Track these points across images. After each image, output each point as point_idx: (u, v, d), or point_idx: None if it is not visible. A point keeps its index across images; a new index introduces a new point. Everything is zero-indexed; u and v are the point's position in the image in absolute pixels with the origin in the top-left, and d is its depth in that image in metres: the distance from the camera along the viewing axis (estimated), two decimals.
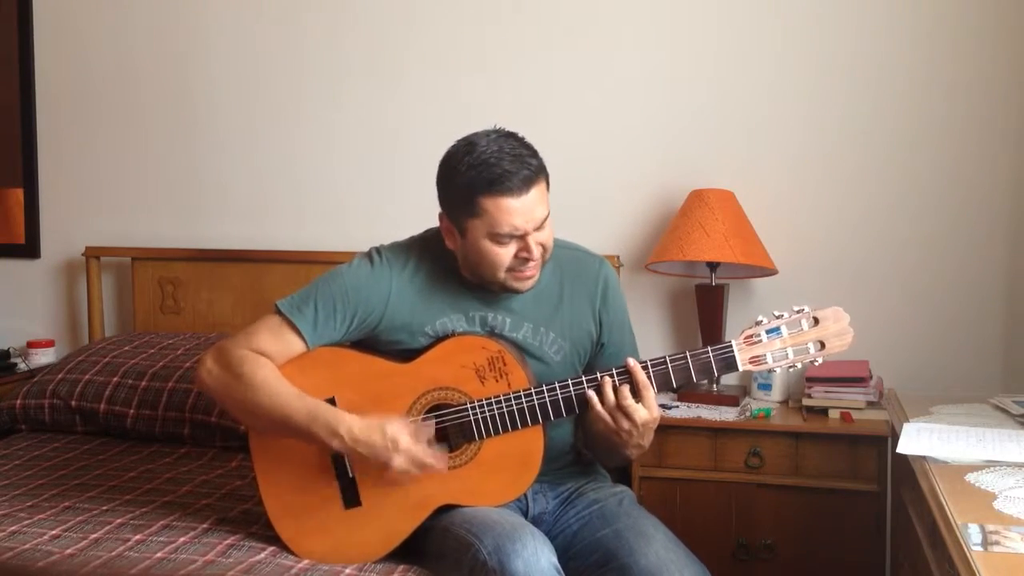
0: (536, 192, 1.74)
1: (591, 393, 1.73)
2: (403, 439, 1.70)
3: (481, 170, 1.71)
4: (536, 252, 1.76)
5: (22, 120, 3.24)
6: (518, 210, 1.72)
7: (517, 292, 1.82)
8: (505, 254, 1.76)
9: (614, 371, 1.74)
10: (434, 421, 1.77)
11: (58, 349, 3.21)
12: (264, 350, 1.80)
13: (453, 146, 1.79)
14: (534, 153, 1.76)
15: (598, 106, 2.85)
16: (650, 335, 2.81)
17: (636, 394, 1.72)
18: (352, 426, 1.71)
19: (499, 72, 2.90)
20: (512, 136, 1.77)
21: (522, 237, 1.74)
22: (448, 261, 1.87)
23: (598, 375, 1.74)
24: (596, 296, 1.92)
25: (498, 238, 1.74)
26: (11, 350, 3.16)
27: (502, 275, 1.78)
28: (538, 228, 1.75)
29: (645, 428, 1.74)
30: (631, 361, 1.72)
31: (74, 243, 3.21)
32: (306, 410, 1.74)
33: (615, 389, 1.72)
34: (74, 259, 3.24)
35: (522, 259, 1.77)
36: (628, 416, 1.72)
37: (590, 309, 1.91)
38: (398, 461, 1.70)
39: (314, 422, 1.73)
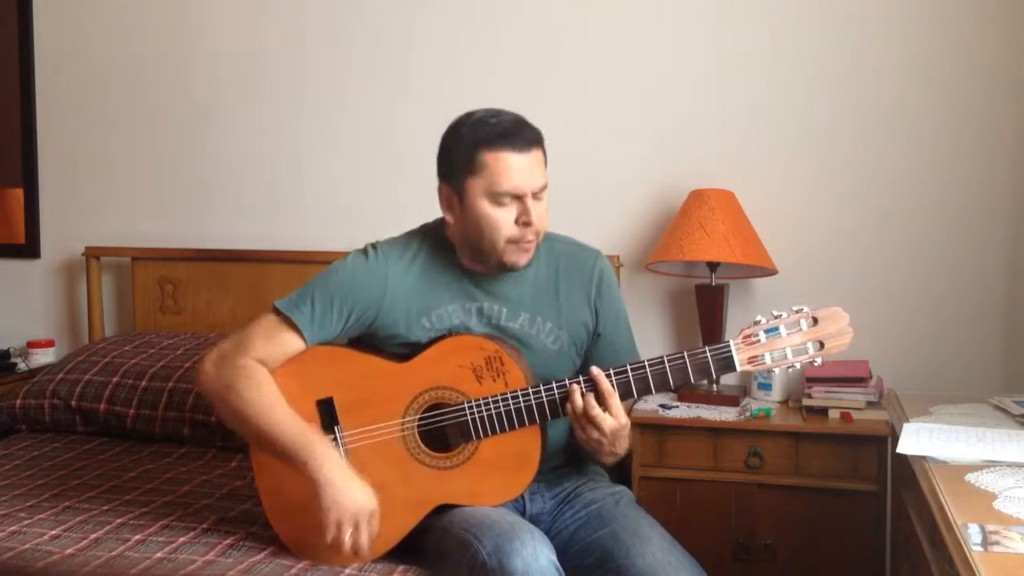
0: (537, 155, 1.77)
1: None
2: (363, 524, 1.71)
3: (483, 126, 1.76)
4: (535, 217, 1.76)
5: (22, 120, 3.25)
6: (519, 168, 1.73)
7: (515, 268, 1.82)
8: (505, 217, 1.76)
9: (581, 379, 1.73)
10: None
11: (58, 349, 3.21)
12: (263, 351, 1.81)
13: (453, 121, 1.84)
14: (539, 130, 1.80)
15: (598, 106, 2.85)
16: (650, 335, 2.81)
17: (602, 402, 1.71)
18: (329, 476, 1.71)
19: (501, 72, 2.90)
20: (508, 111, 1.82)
21: (521, 200, 1.75)
22: (445, 251, 1.88)
23: (566, 381, 1.73)
24: (591, 287, 1.92)
25: (498, 197, 1.74)
26: (11, 350, 3.16)
27: (502, 244, 1.77)
28: (536, 196, 1.77)
29: (614, 436, 1.73)
30: (594, 370, 1.72)
31: (74, 243, 3.20)
32: (293, 438, 1.74)
33: (582, 396, 1.71)
34: (74, 259, 3.24)
35: (523, 225, 1.76)
36: (596, 425, 1.71)
37: (586, 300, 1.92)
38: (334, 535, 1.70)
39: (298, 450, 1.73)
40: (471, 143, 1.76)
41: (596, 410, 1.70)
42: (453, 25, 2.93)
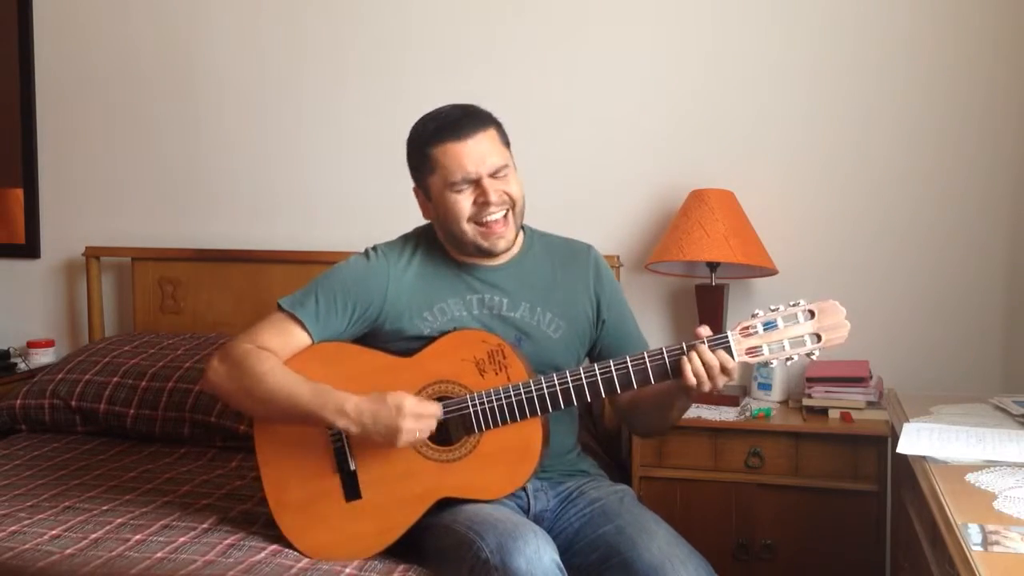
0: (485, 138, 1.82)
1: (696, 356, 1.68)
2: (406, 402, 1.72)
3: (428, 124, 1.86)
4: (493, 195, 1.80)
5: (22, 120, 3.24)
6: (465, 154, 1.80)
7: (492, 252, 1.86)
8: (463, 201, 1.82)
9: (705, 339, 1.69)
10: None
11: (58, 349, 3.21)
12: (269, 346, 1.83)
13: None
14: (488, 113, 1.87)
15: (598, 105, 2.85)
16: (650, 335, 2.78)
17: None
18: (357, 401, 1.73)
19: (501, 72, 2.90)
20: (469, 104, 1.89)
21: (478, 183, 1.81)
22: (439, 249, 1.93)
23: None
24: (589, 277, 1.97)
25: (454, 187, 1.81)
26: (11, 350, 3.16)
27: (465, 226, 1.83)
28: (493, 176, 1.81)
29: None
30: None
31: (74, 243, 3.20)
32: (312, 392, 1.76)
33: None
34: (74, 259, 3.24)
35: (481, 205, 1.81)
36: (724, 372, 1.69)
37: (585, 292, 1.95)
38: (406, 425, 1.71)
39: (320, 400, 1.75)
40: (419, 144, 1.86)
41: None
42: (452, 25, 2.93)
